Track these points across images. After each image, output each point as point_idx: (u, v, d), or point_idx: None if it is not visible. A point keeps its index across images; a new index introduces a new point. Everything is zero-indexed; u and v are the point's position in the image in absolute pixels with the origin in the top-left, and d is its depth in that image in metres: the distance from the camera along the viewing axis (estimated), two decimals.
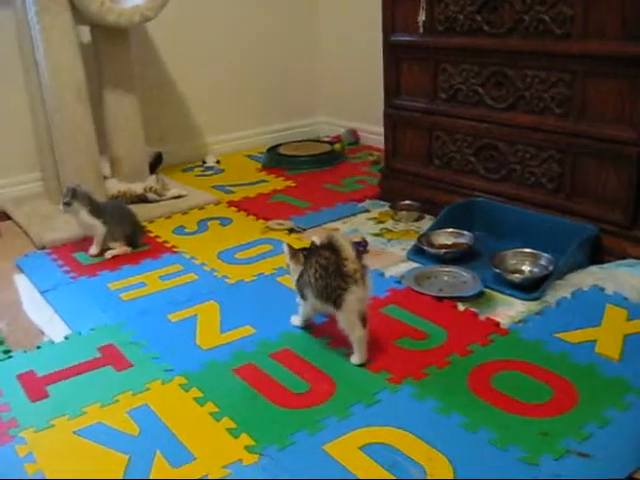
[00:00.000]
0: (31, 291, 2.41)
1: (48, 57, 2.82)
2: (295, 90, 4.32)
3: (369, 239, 2.63)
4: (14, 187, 3.35)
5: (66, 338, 2.04)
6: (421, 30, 2.77)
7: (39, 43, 2.82)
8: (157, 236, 2.80)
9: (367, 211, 3.00)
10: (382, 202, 3.07)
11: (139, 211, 2.81)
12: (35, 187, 3.39)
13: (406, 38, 2.86)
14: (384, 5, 2.92)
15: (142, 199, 3.12)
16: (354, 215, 2.96)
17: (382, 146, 3.67)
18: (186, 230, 2.87)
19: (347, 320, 1.79)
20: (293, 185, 3.39)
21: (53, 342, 2.03)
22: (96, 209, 2.59)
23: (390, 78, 2.98)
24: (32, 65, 3.03)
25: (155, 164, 3.38)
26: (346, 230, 2.79)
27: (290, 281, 2.02)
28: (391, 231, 2.77)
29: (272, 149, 3.90)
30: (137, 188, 3.14)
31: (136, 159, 3.24)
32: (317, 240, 1.89)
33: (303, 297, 1.91)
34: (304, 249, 1.95)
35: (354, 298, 1.74)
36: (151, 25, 3.55)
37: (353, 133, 4.16)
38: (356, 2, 3.98)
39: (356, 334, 1.80)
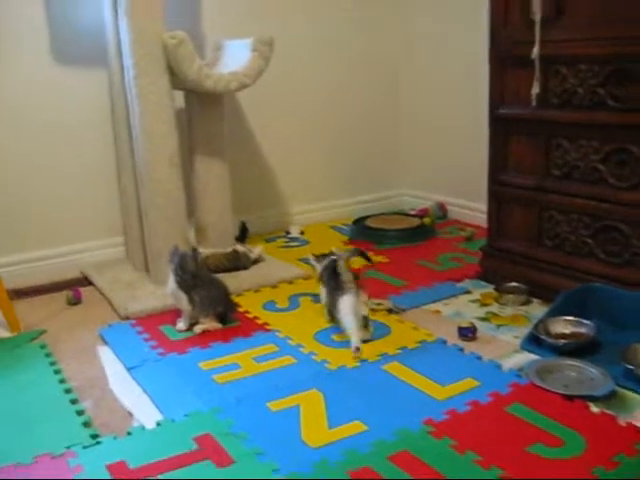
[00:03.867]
0: (117, 366, 2.26)
1: (143, 121, 2.73)
2: (378, 161, 4.20)
3: (475, 324, 2.41)
4: (96, 251, 3.26)
5: (158, 424, 1.87)
6: (534, 103, 2.59)
7: (134, 107, 2.74)
8: (247, 311, 2.64)
9: (468, 292, 2.80)
10: (483, 283, 2.87)
11: (226, 283, 2.64)
12: (117, 252, 3.29)
13: (516, 111, 2.70)
14: (492, 77, 2.78)
15: (228, 267, 2.97)
16: (454, 296, 2.76)
17: (472, 221, 3.58)
18: (277, 306, 2.70)
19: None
20: (385, 261, 3.22)
21: (144, 428, 1.86)
22: (186, 281, 2.43)
23: (496, 153, 2.81)
24: (124, 128, 2.95)
25: (243, 234, 3.24)
26: (449, 313, 2.59)
27: (399, 371, 2.07)
28: (498, 315, 2.55)
29: (359, 221, 3.74)
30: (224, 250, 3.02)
31: (223, 227, 3.12)
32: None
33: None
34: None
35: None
36: (241, 93, 3.46)
37: (441, 207, 3.98)
38: (441, 74, 3.87)
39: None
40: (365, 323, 2.32)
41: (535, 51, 2.53)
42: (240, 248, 3.08)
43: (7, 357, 2.34)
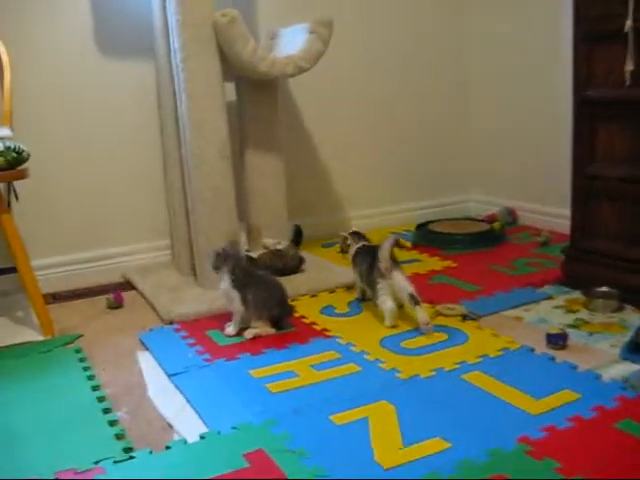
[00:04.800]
0: (157, 373, 2.00)
1: (191, 109, 2.49)
2: (442, 165, 3.91)
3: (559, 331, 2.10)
4: (139, 255, 3.03)
5: (202, 438, 1.59)
6: (628, 82, 2.27)
7: (182, 94, 2.50)
8: (303, 316, 2.37)
9: (550, 298, 2.49)
10: (566, 288, 2.55)
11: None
12: (162, 256, 3.06)
13: (605, 93, 2.38)
14: (576, 57, 2.47)
15: (278, 266, 2.69)
16: (535, 302, 2.44)
17: (545, 226, 3.27)
18: (336, 311, 2.42)
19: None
20: (453, 265, 2.93)
21: (186, 442, 1.59)
22: (241, 281, 2.16)
23: (582, 142, 2.50)
24: (171, 119, 2.73)
25: (297, 238, 2.96)
26: (532, 319, 2.28)
27: (481, 381, 1.82)
28: (589, 322, 2.23)
29: (422, 226, 3.44)
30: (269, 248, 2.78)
31: (277, 229, 2.84)
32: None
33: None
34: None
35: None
36: (295, 87, 3.23)
37: (511, 212, 3.66)
38: (509, 73, 3.58)
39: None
40: (415, 301, 2.19)
41: (628, 24, 2.23)
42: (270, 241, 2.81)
43: (37, 361, 2.10)
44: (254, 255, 2.69)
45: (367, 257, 2.34)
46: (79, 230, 2.91)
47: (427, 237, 3.33)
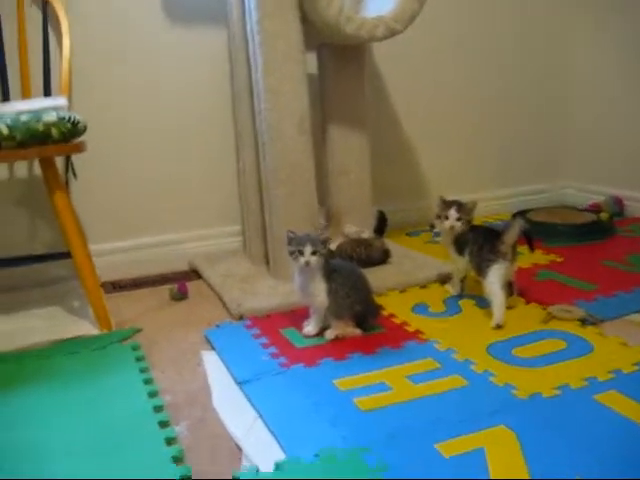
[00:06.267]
0: (224, 379, 1.71)
1: (267, 77, 2.19)
2: (538, 148, 3.52)
3: None
4: (208, 241, 2.74)
5: (278, 467, 1.28)
6: None
7: (257, 59, 2.20)
8: (392, 315, 2.05)
9: None
10: None
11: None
12: (233, 243, 2.78)
13: None
14: None
15: (362, 257, 2.38)
16: None
17: None
18: (430, 310, 2.10)
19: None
20: (559, 260, 2.56)
21: (258, 471, 1.28)
22: (326, 270, 1.85)
23: None
24: (245, 92, 2.43)
25: (381, 226, 2.64)
26: None
27: (619, 403, 1.48)
28: None
29: (519, 215, 3.06)
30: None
31: (360, 215, 2.52)
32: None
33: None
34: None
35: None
36: (383, 56, 2.89)
37: (617, 201, 3.25)
38: (611, 42, 3.14)
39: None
40: (511, 291, 2.07)
41: None
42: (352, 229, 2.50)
43: (89, 359, 1.84)
44: (332, 245, 2.38)
45: (478, 237, 2.09)
46: (143, 213, 2.65)
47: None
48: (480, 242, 2.06)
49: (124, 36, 2.50)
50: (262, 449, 1.37)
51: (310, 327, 1.91)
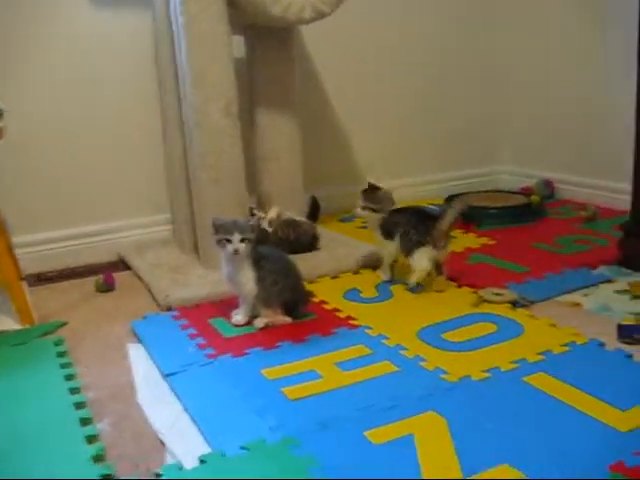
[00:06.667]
0: (150, 372, 1.66)
1: (192, 59, 2.13)
2: (472, 132, 3.53)
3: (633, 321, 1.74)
4: (135, 230, 2.68)
5: (202, 462, 1.24)
6: None
7: (181, 41, 2.14)
8: (323, 301, 2.02)
9: (609, 281, 2.13)
10: (627, 270, 2.19)
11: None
12: (163, 232, 2.70)
13: None
14: None
15: (292, 241, 2.34)
16: (594, 286, 2.08)
17: (588, 200, 2.92)
18: (362, 296, 2.08)
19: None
20: (491, 243, 2.57)
21: (181, 468, 1.23)
22: (254, 257, 1.81)
23: None
24: (170, 76, 2.36)
25: (314, 211, 2.60)
26: (593, 307, 1.92)
27: (548, 385, 1.47)
28: None
29: (451, 199, 3.07)
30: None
31: (293, 199, 2.48)
32: None
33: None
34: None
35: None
36: (312, 39, 2.85)
37: (548, 184, 3.29)
38: (542, 26, 3.16)
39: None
40: (440, 271, 2.10)
41: None
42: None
43: (7, 356, 1.76)
44: (267, 227, 2.33)
45: (411, 219, 2.11)
46: (69, 203, 2.57)
47: None
48: (413, 223, 2.07)
49: (48, 20, 2.39)
50: (186, 444, 1.33)
51: (239, 316, 1.87)
